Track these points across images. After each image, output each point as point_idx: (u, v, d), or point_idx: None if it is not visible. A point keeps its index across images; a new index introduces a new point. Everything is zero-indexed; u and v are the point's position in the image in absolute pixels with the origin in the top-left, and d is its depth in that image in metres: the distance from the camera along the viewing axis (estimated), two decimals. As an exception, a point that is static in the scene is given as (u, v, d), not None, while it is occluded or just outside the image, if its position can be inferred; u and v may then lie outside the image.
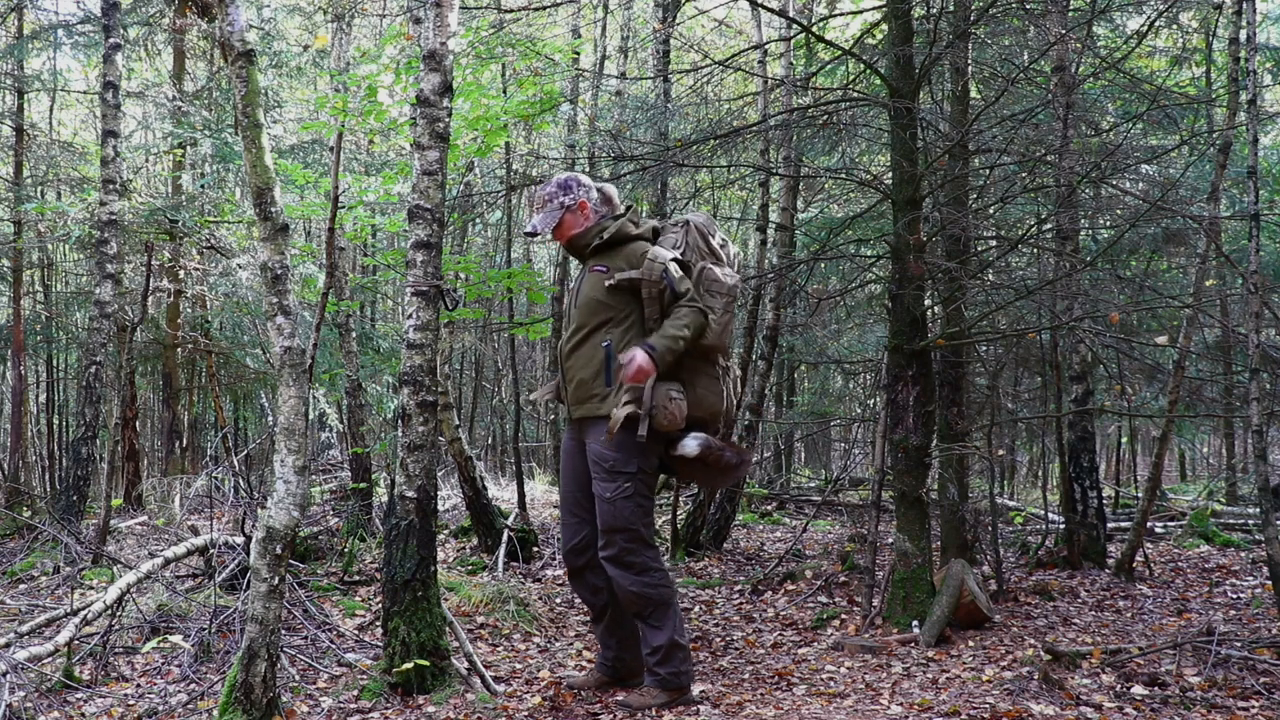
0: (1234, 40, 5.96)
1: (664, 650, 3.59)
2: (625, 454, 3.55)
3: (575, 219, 3.73)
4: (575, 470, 3.77)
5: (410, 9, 6.49)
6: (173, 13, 10.15)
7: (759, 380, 7.53)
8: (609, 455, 3.56)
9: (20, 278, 10.35)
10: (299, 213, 6.71)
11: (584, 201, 3.74)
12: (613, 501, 3.56)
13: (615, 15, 11.47)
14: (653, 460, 3.65)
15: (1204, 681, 3.70)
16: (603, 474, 3.58)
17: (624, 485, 3.56)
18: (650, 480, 3.67)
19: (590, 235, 3.71)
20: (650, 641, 3.62)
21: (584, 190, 3.75)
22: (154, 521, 8.20)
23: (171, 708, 3.67)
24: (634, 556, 3.57)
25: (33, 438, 11.98)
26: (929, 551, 4.81)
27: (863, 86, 6.05)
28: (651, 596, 3.59)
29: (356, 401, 7.33)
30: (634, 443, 3.54)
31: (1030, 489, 12.10)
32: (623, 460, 3.56)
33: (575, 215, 3.73)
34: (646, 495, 3.63)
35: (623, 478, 3.56)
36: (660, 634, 3.60)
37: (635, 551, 3.57)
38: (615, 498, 3.56)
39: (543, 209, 3.77)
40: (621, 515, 3.56)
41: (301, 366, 3.34)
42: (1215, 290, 7.69)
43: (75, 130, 14.92)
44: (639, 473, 3.58)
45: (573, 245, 3.77)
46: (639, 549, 3.58)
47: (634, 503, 3.57)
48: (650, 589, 3.59)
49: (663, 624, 3.60)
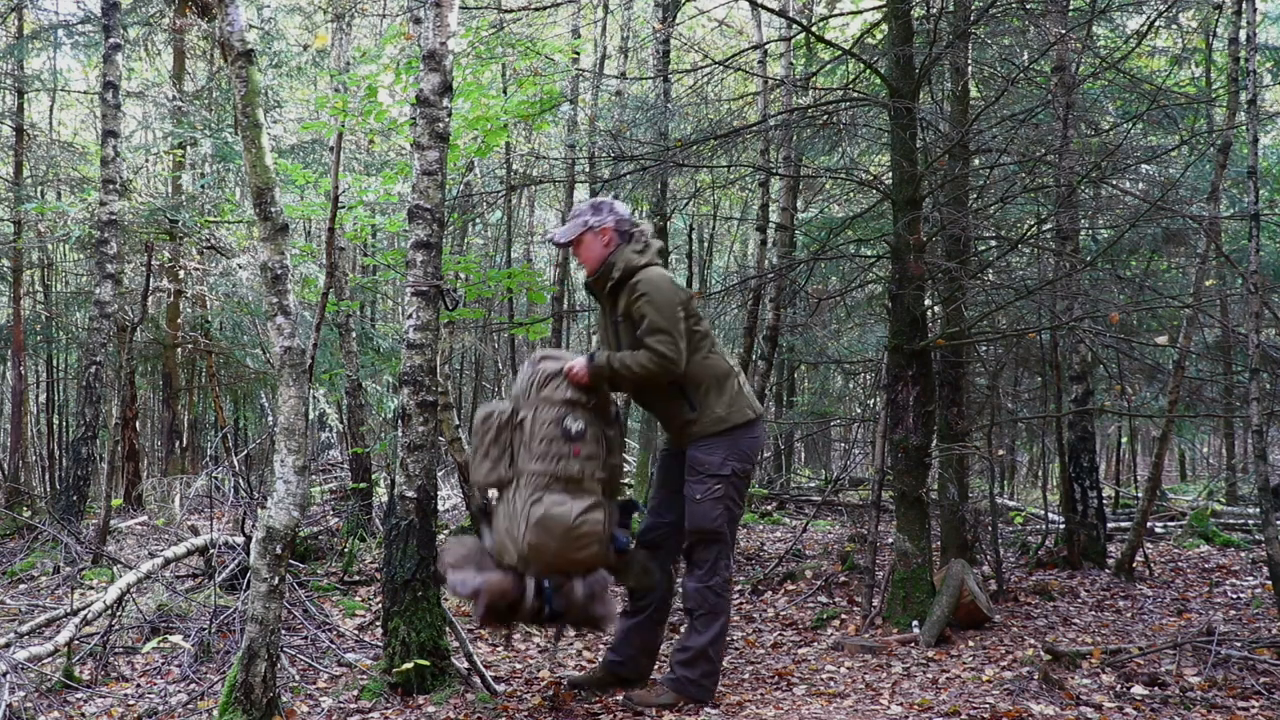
0: (1234, 40, 5.96)
1: (694, 653, 3.62)
2: (721, 457, 3.62)
3: (594, 240, 3.73)
4: (669, 474, 3.83)
5: (410, 9, 6.49)
6: (173, 13, 10.15)
7: (759, 380, 7.53)
8: (705, 459, 3.63)
9: (20, 278, 10.35)
10: (299, 213, 6.71)
11: (607, 227, 3.73)
12: (700, 502, 3.62)
13: (615, 15, 11.46)
14: (747, 467, 3.71)
15: (1204, 681, 3.70)
16: (697, 476, 3.64)
17: (714, 487, 3.62)
18: (742, 486, 3.72)
19: (606, 271, 3.70)
20: (686, 641, 3.65)
21: (613, 217, 3.74)
22: (154, 521, 8.20)
23: (171, 708, 3.67)
24: (709, 555, 3.63)
25: (33, 438, 11.97)
26: (929, 551, 4.81)
27: (863, 86, 6.05)
28: (709, 599, 3.63)
29: (356, 401, 7.33)
30: (732, 446, 3.63)
31: (1030, 489, 12.10)
32: (717, 464, 3.62)
33: (596, 237, 3.73)
34: (736, 500, 3.69)
35: (714, 480, 3.62)
36: (699, 637, 3.63)
37: (715, 553, 3.63)
38: (705, 498, 3.62)
39: (571, 221, 3.81)
40: (707, 515, 3.61)
41: (301, 366, 3.34)
42: (1215, 290, 7.68)
43: (75, 130, 14.91)
44: (732, 476, 3.64)
45: (593, 279, 3.76)
46: (718, 550, 3.64)
47: (722, 505, 3.63)
48: (711, 592, 3.63)
49: (706, 630, 3.63)
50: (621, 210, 3.78)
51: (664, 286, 3.58)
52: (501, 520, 3.45)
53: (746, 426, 3.68)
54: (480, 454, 3.52)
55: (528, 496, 3.41)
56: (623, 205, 3.82)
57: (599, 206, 3.77)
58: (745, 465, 3.69)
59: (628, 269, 3.64)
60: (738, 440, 3.65)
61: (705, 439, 3.64)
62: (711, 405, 3.64)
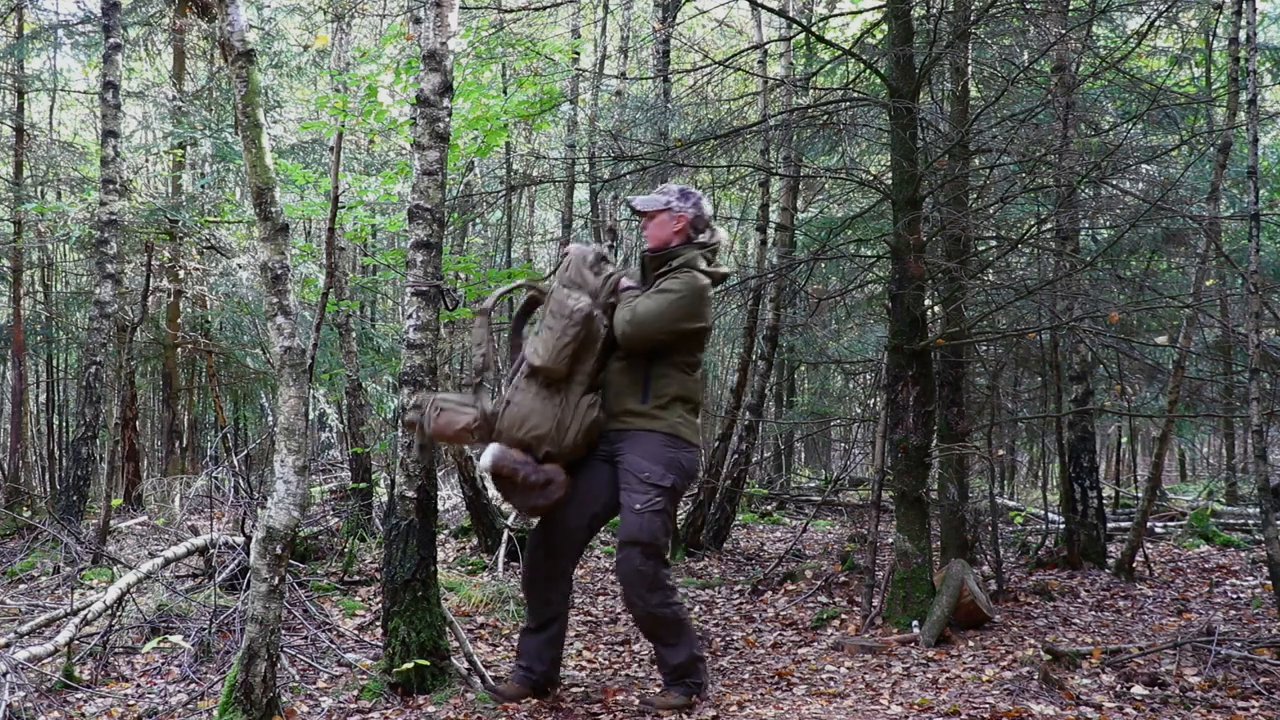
0: (1234, 40, 5.96)
1: (684, 666, 3.63)
2: (664, 468, 3.58)
3: (668, 222, 3.73)
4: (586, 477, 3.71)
5: (410, 9, 6.49)
6: (173, 13, 10.14)
7: (759, 380, 7.53)
8: (648, 467, 3.57)
9: (20, 278, 10.34)
10: (299, 213, 6.71)
11: (685, 216, 3.73)
12: (642, 513, 3.55)
13: (615, 15, 11.46)
14: (686, 485, 3.68)
15: (1204, 681, 3.70)
16: (635, 483, 3.58)
17: (655, 499, 3.57)
18: (678, 501, 3.70)
19: (665, 256, 3.72)
20: (669, 660, 3.64)
21: (694, 210, 3.75)
22: (154, 521, 8.20)
23: (171, 708, 3.67)
24: (651, 570, 3.57)
25: (33, 438, 11.97)
26: (929, 551, 4.81)
27: (863, 86, 6.05)
28: (665, 617, 3.60)
29: (356, 401, 7.33)
30: (672, 458, 3.59)
31: (1030, 489, 12.10)
32: (659, 475, 3.57)
33: (671, 219, 3.73)
34: (672, 514, 3.69)
35: (655, 490, 3.57)
36: (678, 652, 3.63)
37: (653, 566, 3.57)
38: (646, 509, 3.55)
39: (656, 194, 3.82)
40: (647, 528, 3.55)
41: (301, 366, 3.34)
42: (1215, 290, 7.69)
43: (75, 130, 14.91)
44: (671, 489, 3.60)
45: (651, 256, 3.76)
46: (656, 564, 3.59)
47: (661, 518, 3.59)
48: (663, 609, 3.59)
49: (679, 641, 3.63)
50: (706, 208, 3.79)
51: (699, 294, 3.60)
52: (543, 405, 3.56)
53: (689, 446, 3.66)
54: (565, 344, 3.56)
55: (580, 396, 3.59)
56: (709, 205, 3.83)
57: (687, 194, 3.77)
58: (684, 482, 3.66)
59: (685, 264, 3.66)
60: (680, 454, 3.61)
61: (645, 435, 3.59)
62: (666, 411, 3.61)
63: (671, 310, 3.56)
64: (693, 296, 3.59)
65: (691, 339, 3.66)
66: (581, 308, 3.58)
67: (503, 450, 3.52)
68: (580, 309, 3.58)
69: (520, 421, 3.55)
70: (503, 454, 3.52)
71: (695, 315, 3.61)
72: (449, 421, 3.54)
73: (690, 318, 3.60)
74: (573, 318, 3.56)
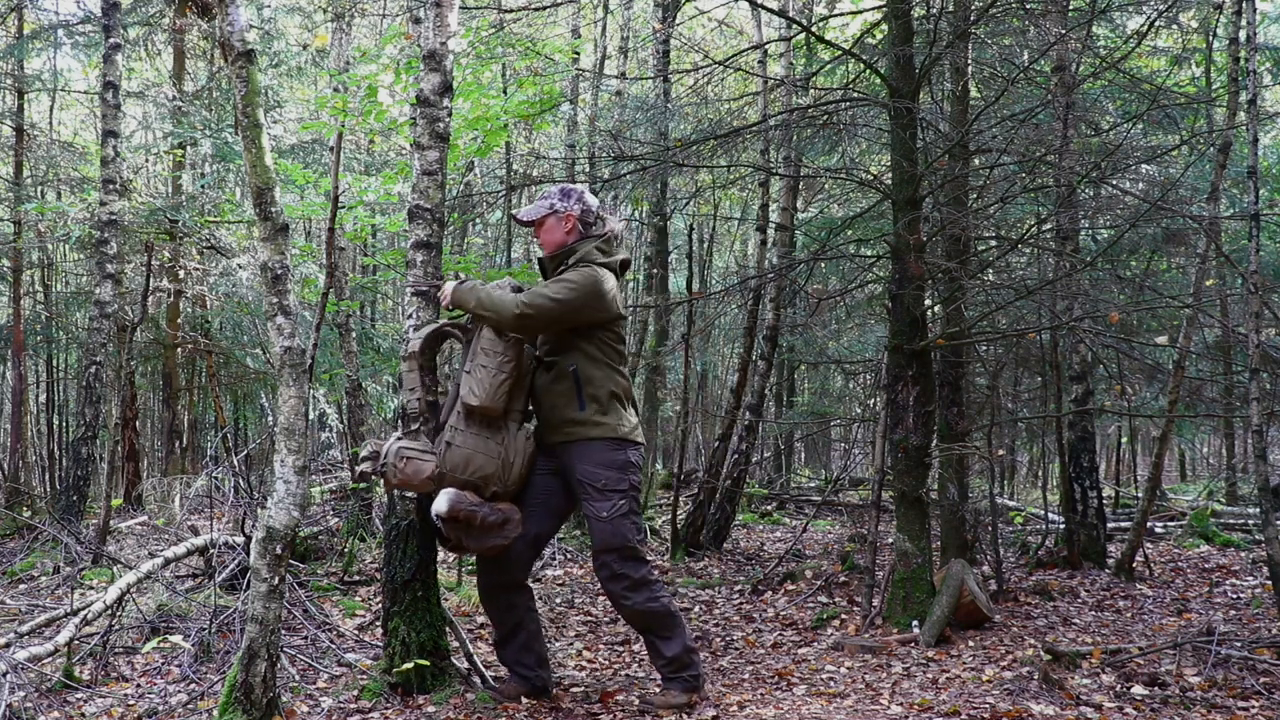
0: (1234, 40, 5.96)
1: (678, 659, 3.64)
2: (619, 471, 3.59)
3: (557, 225, 3.73)
4: (536, 491, 3.71)
5: (410, 9, 6.49)
6: (173, 13, 10.15)
7: (759, 380, 7.53)
8: (603, 474, 3.58)
9: (20, 278, 10.34)
10: (299, 213, 6.71)
11: (572, 215, 3.72)
12: (610, 520, 3.57)
13: (615, 15, 11.47)
14: (639, 481, 3.70)
15: (1204, 681, 3.70)
16: (595, 493, 3.58)
17: (620, 503, 3.58)
18: (639, 497, 3.71)
19: (563, 256, 3.71)
20: (664, 653, 3.65)
21: (579, 206, 3.73)
22: (154, 521, 8.20)
23: (171, 708, 3.67)
24: (632, 572, 3.59)
25: (33, 438, 11.97)
26: (929, 551, 4.81)
27: (863, 86, 6.05)
28: (655, 610, 3.62)
29: (356, 401, 7.33)
30: (624, 460, 3.60)
31: (1030, 489, 12.10)
32: (616, 479, 3.58)
33: (559, 222, 3.73)
34: (638, 511, 3.69)
35: (618, 495, 3.58)
36: (672, 644, 3.64)
37: (632, 567, 3.59)
38: (613, 516, 3.57)
39: (538, 200, 3.81)
40: (619, 533, 3.57)
41: (301, 366, 3.34)
42: (1215, 290, 7.69)
43: (75, 130, 14.91)
44: (629, 489, 3.62)
45: (549, 260, 3.76)
46: (635, 565, 3.61)
47: (629, 519, 3.60)
48: (652, 603, 3.61)
49: (672, 634, 3.64)
50: (590, 201, 3.77)
51: (595, 286, 3.56)
52: (485, 445, 3.56)
53: (634, 445, 3.66)
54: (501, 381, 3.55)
55: (518, 430, 3.64)
56: (593, 197, 3.81)
57: (568, 193, 3.75)
58: (638, 479, 3.68)
59: (582, 258, 3.65)
60: (628, 453, 3.62)
61: (590, 445, 3.58)
62: (606, 415, 3.60)
63: (568, 297, 3.52)
64: (590, 285, 3.56)
65: (607, 332, 3.65)
66: (511, 339, 3.58)
67: (457, 494, 3.48)
68: (510, 340, 3.57)
69: (465, 463, 3.53)
70: (458, 498, 3.48)
71: (596, 306, 3.58)
72: (416, 470, 3.50)
73: (591, 309, 3.57)
74: (506, 353, 3.55)
